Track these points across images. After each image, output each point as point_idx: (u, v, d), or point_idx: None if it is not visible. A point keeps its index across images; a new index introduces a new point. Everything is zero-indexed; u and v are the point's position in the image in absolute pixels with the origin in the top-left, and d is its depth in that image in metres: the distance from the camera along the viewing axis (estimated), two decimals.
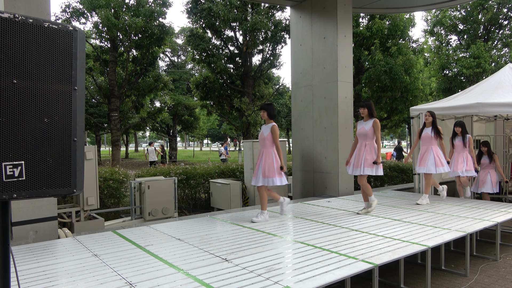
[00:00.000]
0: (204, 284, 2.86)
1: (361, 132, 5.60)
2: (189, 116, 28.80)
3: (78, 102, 1.32)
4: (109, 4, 17.34)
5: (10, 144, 1.18)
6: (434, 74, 20.90)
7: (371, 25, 15.96)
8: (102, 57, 19.52)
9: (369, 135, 5.52)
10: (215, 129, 48.19)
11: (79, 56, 1.32)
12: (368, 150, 5.50)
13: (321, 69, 7.80)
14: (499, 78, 7.82)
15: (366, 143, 5.55)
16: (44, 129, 1.24)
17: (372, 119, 5.54)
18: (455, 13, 20.67)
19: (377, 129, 5.48)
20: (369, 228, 4.64)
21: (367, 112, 5.57)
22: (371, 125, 5.50)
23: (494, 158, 7.34)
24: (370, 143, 5.52)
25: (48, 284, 2.90)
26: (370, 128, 5.50)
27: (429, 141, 6.36)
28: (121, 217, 7.24)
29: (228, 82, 18.35)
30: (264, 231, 4.56)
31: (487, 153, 7.39)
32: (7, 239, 1.27)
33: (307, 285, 2.81)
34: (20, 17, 1.18)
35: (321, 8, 7.83)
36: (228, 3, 16.18)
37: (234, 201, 7.93)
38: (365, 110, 5.56)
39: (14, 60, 1.18)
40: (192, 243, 4.04)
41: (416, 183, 8.19)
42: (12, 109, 1.18)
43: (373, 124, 5.49)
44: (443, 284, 4.22)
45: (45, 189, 1.24)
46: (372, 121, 5.52)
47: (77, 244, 4.08)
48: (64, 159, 1.28)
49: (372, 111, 5.57)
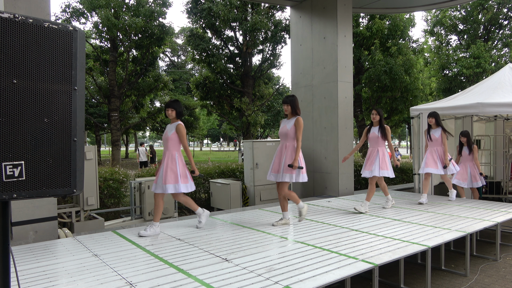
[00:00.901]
0: (204, 284, 2.86)
1: (282, 132, 4.87)
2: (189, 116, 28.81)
3: (78, 102, 1.32)
4: (109, 4, 17.34)
5: (10, 144, 1.17)
6: (434, 74, 20.90)
7: (371, 25, 15.96)
8: (102, 57, 19.52)
9: (290, 135, 4.77)
10: (215, 129, 48.20)
11: (79, 56, 1.32)
12: (289, 153, 4.76)
13: (321, 69, 7.80)
14: (499, 78, 7.82)
15: (287, 144, 4.81)
16: (44, 129, 1.24)
17: (295, 117, 4.80)
18: (455, 13, 20.67)
19: (299, 128, 4.72)
20: (369, 228, 4.64)
21: (290, 109, 4.82)
22: (293, 124, 4.76)
23: (473, 149, 7.00)
24: (292, 144, 4.78)
25: (48, 284, 2.90)
26: (292, 127, 4.75)
27: (375, 142, 5.82)
28: (121, 217, 7.24)
29: (228, 82, 18.35)
30: (264, 231, 4.56)
31: (466, 144, 7.06)
32: (7, 239, 1.27)
33: (307, 285, 2.81)
34: (20, 17, 1.18)
35: (321, 8, 7.83)
36: (228, 3, 16.19)
37: (234, 201, 7.93)
38: (288, 107, 4.82)
39: (14, 60, 1.18)
40: (192, 243, 4.04)
41: (416, 183, 8.19)
42: (12, 109, 1.18)
43: (294, 123, 4.75)
44: (443, 284, 4.22)
45: (45, 189, 1.24)
46: (294, 120, 4.79)
47: (77, 244, 4.08)
48: (64, 159, 1.28)
49: (295, 108, 4.81)
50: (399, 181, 11.02)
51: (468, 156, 7.04)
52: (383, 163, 5.68)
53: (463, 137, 7.07)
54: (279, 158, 4.84)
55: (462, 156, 7.11)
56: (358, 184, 10.14)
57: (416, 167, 8.18)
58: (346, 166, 7.57)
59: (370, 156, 5.81)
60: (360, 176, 9.72)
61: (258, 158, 8.18)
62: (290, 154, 4.73)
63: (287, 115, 4.89)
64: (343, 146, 7.49)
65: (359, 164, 10.35)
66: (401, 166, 11.37)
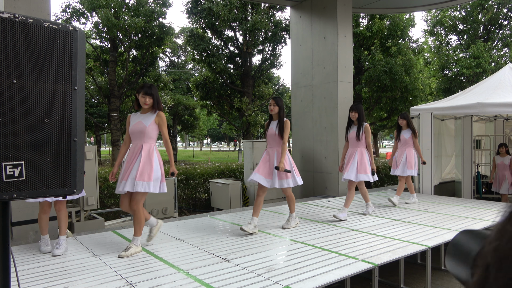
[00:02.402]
0: (204, 284, 2.86)
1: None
2: (189, 116, 28.80)
3: (78, 102, 1.32)
4: (109, 4, 17.34)
5: (10, 144, 1.18)
6: (434, 74, 20.90)
7: (371, 25, 15.96)
8: (102, 57, 19.52)
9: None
10: (215, 129, 48.17)
11: (79, 56, 1.32)
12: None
13: (321, 69, 7.80)
14: (499, 78, 7.82)
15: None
16: (44, 129, 1.24)
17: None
18: (455, 13, 20.66)
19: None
20: (369, 228, 4.64)
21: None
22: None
23: (414, 134, 6.29)
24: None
25: (48, 284, 2.90)
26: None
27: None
28: (121, 217, 7.24)
29: (228, 82, 18.35)
30: (264, 231, 4.56)
31: (407, 127, 6.32)
32: (7, 239, 1.27)
33: (307, 285, 2.81)
34: (20, 17, 1.18)
35: (321, 8, 7.83)
36: (228, 3, 16.18)
37: (234, 201, 7.93)
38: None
39: (14, 60, 1.18)
40: (192, 243, 4.04)
41: (416, 183, 8.19)
42: (12, 109, 1.18)
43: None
44: (443, 284, 4.22)
45: (45, 189, 1.24)
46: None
47: (77, 244, 4.08)
48: (64, 159, 1.28)
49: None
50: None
51: (407, 141, 6.29)
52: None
53: (402, 119, 6.34)
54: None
55: (401, 141, 6.37)
56: None
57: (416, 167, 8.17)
58: None
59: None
60: None
61: (258, 158, 8.18)
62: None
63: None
64: (343, 146, 7.49)
65: None
66: None
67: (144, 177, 3.67)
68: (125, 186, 3.66)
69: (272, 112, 4.55)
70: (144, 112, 3.88)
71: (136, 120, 3.86)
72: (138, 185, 3.63)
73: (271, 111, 4.56)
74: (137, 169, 3.67)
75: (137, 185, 3.63)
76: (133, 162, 3.76)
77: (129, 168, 3.75)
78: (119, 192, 3.76)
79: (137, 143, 3.82)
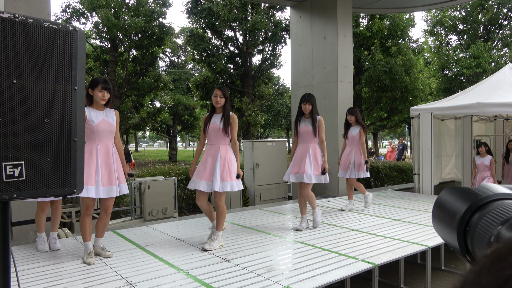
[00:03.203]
0: (204, 284, 2.86)
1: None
2: (189, 116, 28.80)
3: (78, 102, 1.32)
4: (109, 4, 17.34)
5: (10, 144, 1.18)
6: (434, 74, 20.90)
7: (371, 25, 15.96)
8: (102, 57, 19.52)
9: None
10: None
11: (79, 56, 1.32)
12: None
13: (321, 69, 7.80)
14: (499, 78, 7.83)
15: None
16: (44, 129, 1.24)
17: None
18: (455, 13, 20.66)
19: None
20: (369, 228, 4.64)
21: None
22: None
23: (361, 130, 5.76)
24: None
25: (48, 284, 2.90)
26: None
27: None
28: (121, 217, 7.24)
29: (228, 82, 18.35)
30: (264, 231, 4.56)
31: (356, 123, 5.85)
32: (7, 239, 1.27)
33: (307, 285, 2.81)
34: (20, 17, 1.18)
35: (321, 8, 7.83)
36: (228, 3, 16.18)
37: (234, 201, 7.93)
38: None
39: (14, 60, 1.18)
40: (192, 243, 4.04)
41: (416, 183, 8.19)
42: (12, 109, 1.18)
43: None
44: (443, 284, 4.22)
45: (45, 189, 1.24)
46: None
47: (77, 244, 4.08)
48: (64, 159, 1.28)
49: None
50: (399, 181, 11.02)
51: (354, 138, 5.80)
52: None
53: (350, 115, 5.88)
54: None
55: (348, 139, 5.88)
56: None
57: (416, 167, 8.17)
58: None
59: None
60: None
61: (258, 158, 8.17)
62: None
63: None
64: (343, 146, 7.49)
65: None
66: (401, 166, 11.33)
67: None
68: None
69: (218, 104, 3.90)
70: (99, 109, 3.59)
71: (98, 116, 3.57)
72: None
73: (216, 103, 3.90)
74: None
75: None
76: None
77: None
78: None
79: (99, 142, 3.54)
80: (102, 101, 3.51)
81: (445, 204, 0.51)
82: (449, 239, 0.49)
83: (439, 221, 0.52)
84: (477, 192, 0.48)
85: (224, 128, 3.90)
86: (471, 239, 0.45)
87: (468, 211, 0.46)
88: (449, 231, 0.49)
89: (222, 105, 3.95)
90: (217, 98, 3.93)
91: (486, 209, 0.45)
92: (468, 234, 0.46)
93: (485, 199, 0.46)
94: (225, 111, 3.96)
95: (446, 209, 0.50)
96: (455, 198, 0.50)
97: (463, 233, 0.46)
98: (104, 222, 3.64)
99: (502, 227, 0.40)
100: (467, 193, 0.49)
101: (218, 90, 3.95)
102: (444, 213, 0.51)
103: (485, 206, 0.46)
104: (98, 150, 3.46)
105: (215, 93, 3.95)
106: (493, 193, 0.47)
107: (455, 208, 0.48)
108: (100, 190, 3.42)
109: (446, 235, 0.50)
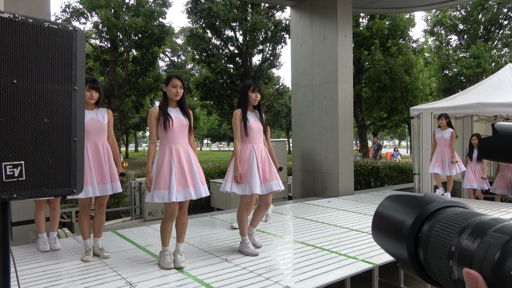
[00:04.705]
0: (204, 284, 2.86)
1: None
2: None
3: (78, 102, 1.32)
4: (109, 4, 17.35)
5: (10, 144, 1.17)
6: (434, 74, 20.90)
7: (371, 25, 15.96)
8: (102, 57, 19.53)
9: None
10: (215, 129, 48.16)
11: (79, 56, 1.32)
12: None
13: (321, 69, 7.80)
14: (499, 78, 7.83)
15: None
16: (44, 129, 1.24)
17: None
18: (455, 13, 20.66)
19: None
20: (369, 228, 4.64)
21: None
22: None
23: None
24: None
25: (48, 284, 2.90)
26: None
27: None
28: (121, 217, 7.24)
29: (228, 82, 18.35)
30: (264, 231, 4.56)
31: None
32: (7, 239, 1.27)
33: (307, 285, 2.81)
34: (20, 17, 1.18)
35: (321, 8, 7.83)
36: (228, 3, 16.18)
37: (234, 201, 7.92)
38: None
39: (14, 60, 1.18)
40: (192, 243, 4.04)
41: (416, 183, 8.19)
42: (12, 109, 1.18)
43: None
44: None
45: (45, 189, 1.24)
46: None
47: (77, 244, 4.08)
48: (64, 159, 1.28)
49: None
50: (399, 181, 11.02)
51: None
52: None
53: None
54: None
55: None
56: (358, 184, 10.14)
57: (416, 167, 8.18)
58: (346, 166, 7.57)
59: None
60: (360, 176, 9.71)
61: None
62: None
63: None
64: (343, 146, 7.49)
65: (358, 164, 10.35)
66: (401, 166, 11.33)
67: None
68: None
69: (177, 97, 3.37)
70: (87, 108, 3.45)
71: (90, 115, 3.46)
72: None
73: (176, 95, 3.35)
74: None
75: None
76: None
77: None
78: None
79: (92, 141, 3.45)
80: (91, 100, 3.46)
81: (390, 214, 0.46)
82: (395, 251, 0.45)
83: (382, 232, 0.47)
84: (424, 199, 0.45)
85: (189, 123, 3.52)
86: (424, 250, 0.41)
87: (418, 220, 0.43)
88: (395, 242, 0.44)
89: (181, 97, 3.43)
90: (177, 89, 3.36)
91: (436, 217, 0.42)
92: (420, 245, 0.42)
93: (434, 207, 0.43)
94: (182, 102, 3.51)
95: (390, 219, 0.46)
96: (401, 207, 0.46)
97: (413, 244, 0.42)
98: (100, 220, 3.63)
99: (461, 236, 0.37)
100: (413, 201, 0.45)
101: (179, 81, 3.37)
102: (388, 223, 0.46)
103: (434, 215, 0.42)
104: (88, 149, 3.43)
105: (175, 83, 3.35)
106: (441, 201, 0.44)
107: (401, 218, 0.44)
108: (96, 188, 3.41)
109: (391, 247, 0.45)
